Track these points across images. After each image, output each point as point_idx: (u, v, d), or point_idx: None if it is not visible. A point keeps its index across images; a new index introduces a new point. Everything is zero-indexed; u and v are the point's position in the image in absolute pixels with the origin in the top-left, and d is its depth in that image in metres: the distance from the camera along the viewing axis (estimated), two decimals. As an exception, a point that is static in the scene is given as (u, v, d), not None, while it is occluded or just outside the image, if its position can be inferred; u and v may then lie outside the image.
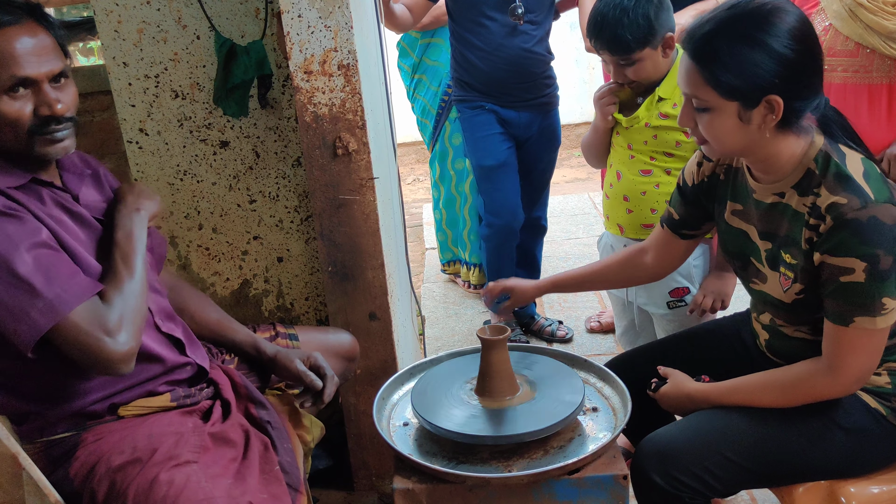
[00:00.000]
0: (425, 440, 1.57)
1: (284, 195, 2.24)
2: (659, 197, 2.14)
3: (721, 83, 1.39)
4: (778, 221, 1.53)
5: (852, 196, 1.38)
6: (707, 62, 1.40)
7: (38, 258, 1.35)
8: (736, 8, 1.40)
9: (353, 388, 2.19)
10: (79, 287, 1.37)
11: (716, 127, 1.44)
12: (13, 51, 1.37)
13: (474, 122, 3.08)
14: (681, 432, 1.56)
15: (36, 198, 1.45)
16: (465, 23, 2.94)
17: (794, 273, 1.50)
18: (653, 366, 1.73)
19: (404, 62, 3.61)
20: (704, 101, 1.43)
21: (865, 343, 1.44)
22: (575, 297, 3.70)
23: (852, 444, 1.52)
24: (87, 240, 1.51)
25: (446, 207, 3.73)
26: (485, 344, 1.59)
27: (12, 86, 1.38)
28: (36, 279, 1.33)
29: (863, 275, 1.38)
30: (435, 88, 3.51)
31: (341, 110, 1.94)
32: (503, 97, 3.03)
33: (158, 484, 1.39)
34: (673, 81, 2.07)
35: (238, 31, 2.10)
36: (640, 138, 2.14)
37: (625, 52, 2.00)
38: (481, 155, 3.11)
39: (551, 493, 1.45)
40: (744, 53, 1.37)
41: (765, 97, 1.38)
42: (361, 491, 2.32)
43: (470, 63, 3.00)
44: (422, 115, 3.63)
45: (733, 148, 1.48)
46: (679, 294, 2.15)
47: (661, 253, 1.85)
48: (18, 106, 1.39)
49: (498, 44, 2.92)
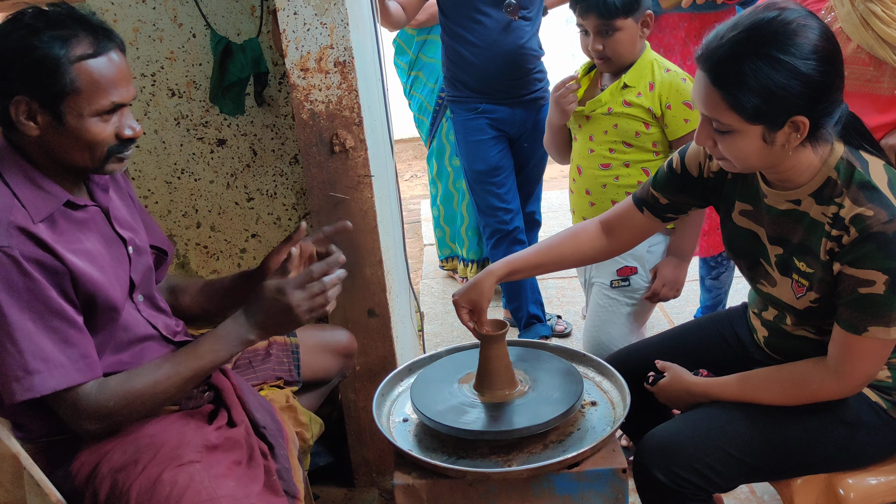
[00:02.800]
0: (425, 436, 1.57)
1: (282, 193, 2.24)
2: (619, 189, 2.18)
3: (745, 108, 1.33)
4: (791, 228, 1.49)
5: (879, 208, 1.35)
6: (729, 86, 1.33)
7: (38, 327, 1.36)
8: (758, 27, 1.33)
9: (352, 384, 2.19)
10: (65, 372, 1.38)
11: (738, 149, 1.39)
12: (111, 76, 1.41)
13: (467, 126, 3.09)
14: (682, 428, 1.56)
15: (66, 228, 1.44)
16: (459, 19, 2.94)
17: (809, 282, 1.47)
18: (651, 360, 1.73)
19: (401, 59, 3.61)
20: (727, 125, 1.37)
21: (877, 351, 1.43)
22: (573, 291, 3.71)
23: (853, 438, 1.52)
24: (117, 262, 1.51)
25: (444, 204, 3.74)
26: (483, 339, 1.59)
27: (108, 111, 1.42)
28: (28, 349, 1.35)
29: (883, 287, 1.35)
30: (431, 85, 3.51)
31: (338, 107, 1.94)
32: (496, 94, 3.03)
33: (161, 483, 1.39)
34: (640, 70, 2.11)
35: (234, 28, 2.10)
36: (600, 127, 2.17)
37: (611, 16, 2.04)
38: (472, 159, 3.12)
39: (551, 487, 1.46)
40: (769, 77, 1.30)
41: (790, 118, 1.34)
42: (362, 487, 2.32)
43: (463, 60, 2.99)
44: (419, 112, 3.63)
45: (756, 166, 1.44)
46: (626, 273, 2.17)
47: (628, 232, 1.78)
48: (105, 128, 1.43)
49: (493, 40, 2.92)
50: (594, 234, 1.79)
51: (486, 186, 3.12)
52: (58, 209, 1.43)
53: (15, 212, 1.37)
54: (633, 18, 2.06)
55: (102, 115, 1.41)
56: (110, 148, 1.44)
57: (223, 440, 1.53)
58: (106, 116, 1.42)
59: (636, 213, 1.75)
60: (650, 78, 2.12)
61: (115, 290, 1.48)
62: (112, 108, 1.42)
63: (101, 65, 1.40)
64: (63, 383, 1.38)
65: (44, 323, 1.36)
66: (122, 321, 1.50)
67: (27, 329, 1.35)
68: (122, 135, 1.45)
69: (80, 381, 1.39)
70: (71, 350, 1.39)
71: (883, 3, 1.94)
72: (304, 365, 1.92)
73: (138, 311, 1.56)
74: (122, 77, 1.44)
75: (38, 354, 1.36)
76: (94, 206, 1.52)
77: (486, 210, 3.16)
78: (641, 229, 1.77)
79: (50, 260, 1.37)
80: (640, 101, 2.11)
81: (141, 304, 1.58)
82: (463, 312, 1.68)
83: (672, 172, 1.69)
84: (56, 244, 1.39)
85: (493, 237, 3.17)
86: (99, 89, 1.39)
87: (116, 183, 1.64)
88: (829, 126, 1.39)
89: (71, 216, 1.46)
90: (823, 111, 1.35)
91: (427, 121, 3.59)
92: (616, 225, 1.78)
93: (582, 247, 1.78)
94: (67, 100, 1.37)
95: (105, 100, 1.40)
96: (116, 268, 1.50)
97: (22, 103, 1.37)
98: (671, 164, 1.69)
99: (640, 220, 1.75)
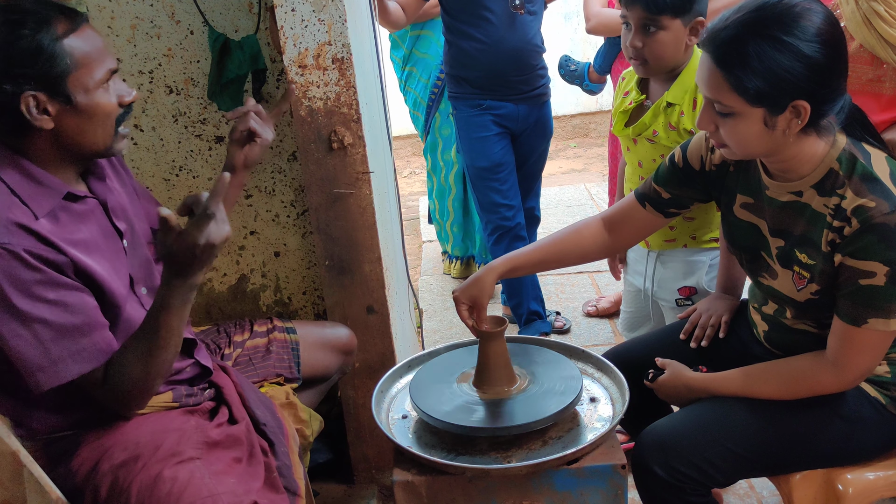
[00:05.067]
0: (424, 432, 1.57)
1: (280, 190, 2.24)
2: None
3: (748, 90, 1.33)
4: (793, 220, 1.49)
5: (881, 200, 1.35)
6: (733, 67, 1.33)
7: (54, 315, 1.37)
8: (763, 9, 1.33)
9: (351, 381, 2.19)
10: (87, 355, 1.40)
11: (739, 132, 1.39)
12: (98, 45, 1.44)
13: (470, 123, 3.08)
14: (681, 423, 1.56)
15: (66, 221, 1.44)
16: (464, 16, 2.92)
17: (810, 273, 1.47)
18: (650, 356, 1.73)
19: (396, 54, 3.63)
20: (728, 107, 1.37)
21: (876, 343, 1.43)
22: (572, 286, 3.71)
23: (852, 433, 1.53)
24: (115, 256, 1.51)
25: (438, 198, 3.76)
26: (482, 336, 1.59)
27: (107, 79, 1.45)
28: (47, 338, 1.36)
29: (883, 279, 1.36)
30: (425, 81, 3.52)
31: (336, 104, 1.94)
32: (501, 90, 3.02)
33: (162, 480, 1.39)
34: (683, 85, 1.93)
35: (232, 25, 2.09)
36: (648, 155, 2.05)
37: (658, 11, 1.84)
38: (475, 156, 3.11)
39: (550, 483, 1.46)
40: (773, 59, 1.31)
41: (792, 103, 1.34)
42: (361, 484, 2.32)
43: (468, 57, 2.98)
44: (413, 108, 3.65)
45: (756, 152, 1.44)
46: (686, 293, 2.13)
47: (630, 228, 1.77)
48: (111, 97, 1.46)
49: (500, 36, 2.92)
50: (596, 231, 1.78)
51: (488, 183, 3.11)
52: (59, 203, 1.43)
53: (14, 209, 1.37)
54: (682, 20, 1.86)
55: (103, 84, 1.44)
56: (118, 118, 1.48)
57: (224, 437, 1.53)
58: (106, 85, 1.45)
59: (638, 208, 1.75)
60: (695, 93, 1.92)
61: (117, 283, 1.48)
62: (109, 76, 1.45)
63: (84, 37, 1.43)
64: (87, 367, 1.39)
65: (58, 311, 1.37)
66: (126, 315, 1.50)
67: (43, 318, 1.35)
68: (123, 101, 1.48)
69: (103, 361, 1.41)
70: (89, 333, 1.40)
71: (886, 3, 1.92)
72: (304, 362, 1.92)
73: (141, 304, 1.56)
74: (103, 45, 1.47)
75: (56, 342, 1.36)
76: (93, 198, 1.52)
77: (488, 206, 3.15)
78: (643, 225, 1.77)
79: (53, 254, 1.38)
80: (683, 122, 1.94)
81: (144, 296, 1.58)
82: (463, 309, 1.68)
83: (674, 166, 1.69)
84: (57, 238, 1.39)
85: (494, 234, 3.16)
86: (92, 60, 1.42)
87: (113, 167, 1.64)
88: (830, 115, 1.39)
89: (71, 209, 1.46)
90: (826, 97, 1.36)
91: (422, 116, 3.61)
92: (618, 221, 1.78)
93: (584, 243, 1.78)
94: (70, 79, 1.39)
95: (101, 68, 1.44)
96: (115, 261, 1.50)
97: (30, 97, 1.37)
98: (673, 158, 1.69)
99: (642, 215, 1.75)
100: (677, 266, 2.11)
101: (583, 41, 6.52)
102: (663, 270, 2.16)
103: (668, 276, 2.15)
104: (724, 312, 1.82)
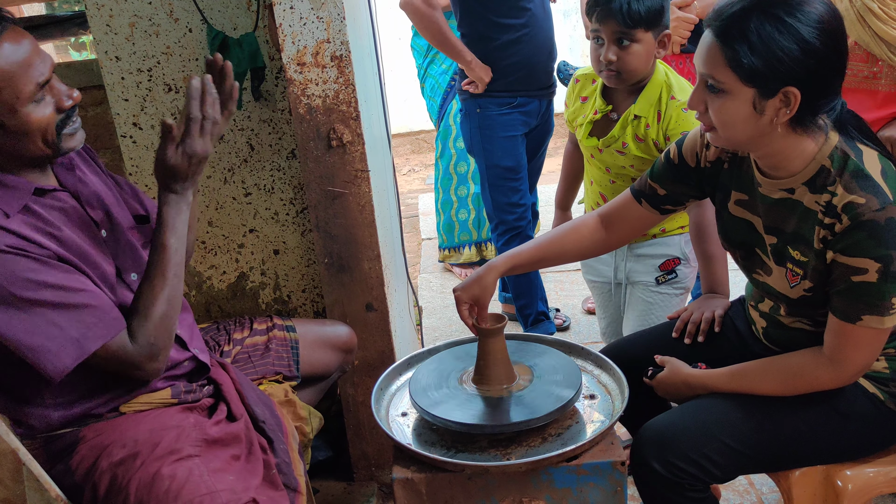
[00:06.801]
0: (424, 430, 1.57)
1: (279, 187, 2.23)
2: None
3: (743, 65, 1.34)
4: (785, 217, 1.50)
5: (871, 196, 1.35)
6: (732, 41, 1.34)
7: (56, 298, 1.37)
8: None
9: (351, 379, 2.19)
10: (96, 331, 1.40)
11: (728, 112, 1.40)
12: (22, 59, 1.35)
13: (498, 122, 3.02)
14: (680, 419, 1.56)
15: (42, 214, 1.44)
16: (504, 8, 2.89)
17: (803, 270, 1.48)
18: (650, 353, 1.73)
19: (419, 42, 3.68)
20: (721, 83, 1.38)
21: (871, 340, 1.43)
22: (571, 284, 3.72)
23: (850, 429, 1.53)
24: (95, 245, 1.51)
25: (443, 186, 3.78)
26: (482, 333, 1.60)
27: (36, 91, 1.37)
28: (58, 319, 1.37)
29: (875, 275, 1.36)
30: (446, 67, 3.60)
31: (335, 102, 1.94)
32: (534, 84, 3.01)
33: (160, 478, 1.39)
34: (649, 97, 2.03)
35: (230, 23, 2.09)
36: (616, 163, 2.12)
37: (633, 25, 1.93)
38: (501, 155, 3.05)
39: (550, 480, 1.46)
40: (772, 37, 1.32)
41: (783, 88, 1.34)
42: (361, 481, 2.33)
43: (504, 52, 2.92)
44: (430, 94, 3.73)
45: (741, 138, 1.43)
46: (669, 266, 2.15)
47: (626, 224, 1.78)
48: (45, 109, 1.39)
49: (539, 25, 2.94)
50: (594, 228, 1.79)
51: (509, 183, 3.08)
52: (30, 199, 1.42)
53: None
54: (653, 33, 1.97)
55: (33, 97, 1.37)
56: (57, 125, 1.41)
57: (222, 434, 1.53)
58: (40, 95, 1.38)
59: (634, 205, 1.75)
60: (658, 106, 2.03)
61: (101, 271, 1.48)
62: (38, 89, 1.37)
63: (6, 53, 1.33)
64: (108, 335, 1.40)
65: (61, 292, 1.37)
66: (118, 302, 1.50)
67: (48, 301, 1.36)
68: (63, 107, 1.41)
69: (112, 334, 1.41)
70: (99, 306, 1.41)
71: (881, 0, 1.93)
72: (304, 360, 1.92)
73: (132, 291, 1.55)
74: (33, 53, 1.37)
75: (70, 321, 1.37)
76: (64, 191, 1.51)
77: (504, 206, 3.10)
78: (639, 221, 1.78)
79: (34, 247, 1.38)
80: (649, 133, 2.03)
81: (134, 282, 1.57)
82: (464, 308, 1.69)
83: (669, 163, 1.70)
84: (35, 231, 1.40)
85: (506, 234, 3.13)
86: (16, 78, 1.34)
87: (82, 157, 1.62)
88: (821, 112, 1.39)
89: (45, 203, 1.45)
90: (818, 90, 1.36)
91: (437, 101, 3.65)
92: (614, 217, 1.79)
93: (583, 240, 1.79)
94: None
95: (28, 85, 1.35)
96: (96, 250, 1.50)
97: None
98: (669, 154, 1.70)
99: (638, 212, 1.75)
100: (653, 250, 2.17)
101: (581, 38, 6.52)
102: (636, 260, 2.21)
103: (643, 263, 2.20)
104: (717, 307, 1.84)
